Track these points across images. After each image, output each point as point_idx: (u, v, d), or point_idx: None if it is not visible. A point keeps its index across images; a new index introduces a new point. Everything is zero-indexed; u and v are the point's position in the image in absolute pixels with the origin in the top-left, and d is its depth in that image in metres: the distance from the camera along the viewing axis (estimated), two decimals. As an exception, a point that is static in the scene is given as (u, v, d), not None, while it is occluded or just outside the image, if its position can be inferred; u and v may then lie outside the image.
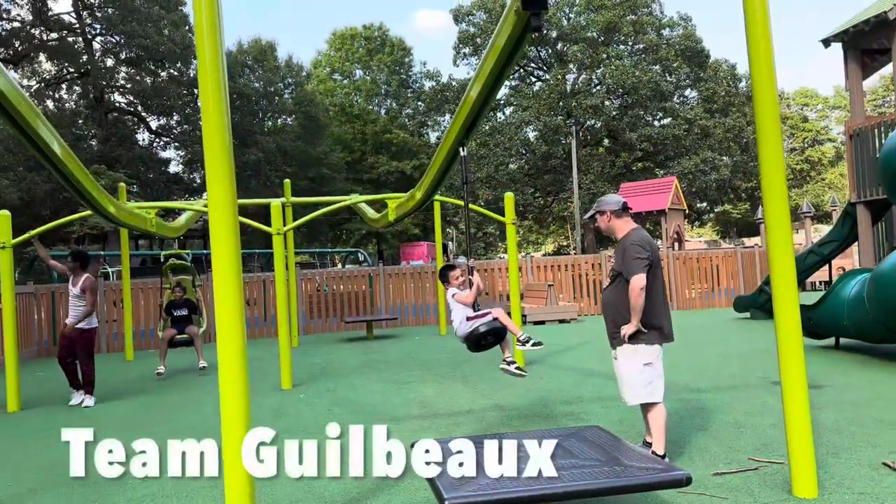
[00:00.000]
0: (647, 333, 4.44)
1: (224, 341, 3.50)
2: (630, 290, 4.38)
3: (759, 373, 7.90)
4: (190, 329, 10.29)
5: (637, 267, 4.37)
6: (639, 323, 4.39)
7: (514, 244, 9.92)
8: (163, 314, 10.71)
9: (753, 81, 4.09)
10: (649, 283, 4.40)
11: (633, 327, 4.41)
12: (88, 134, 35.90)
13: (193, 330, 10.30)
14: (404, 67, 54.71)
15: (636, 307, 4.36)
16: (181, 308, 10.48)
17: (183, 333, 10.24)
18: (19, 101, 4.56)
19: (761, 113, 4.07)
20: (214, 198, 3.52)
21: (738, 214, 58.46)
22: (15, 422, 7.47)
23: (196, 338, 10.27)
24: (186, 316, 10.50)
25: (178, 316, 10.44)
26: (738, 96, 39.70)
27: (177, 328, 10.28)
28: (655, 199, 25.49)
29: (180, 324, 10.37)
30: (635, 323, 4.39)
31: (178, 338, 10.23)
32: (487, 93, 4.83)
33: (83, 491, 4.74)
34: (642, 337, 4.44)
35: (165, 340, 10.20)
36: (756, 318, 14.03)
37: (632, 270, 4.40)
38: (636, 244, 4.46)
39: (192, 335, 10.25)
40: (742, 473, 4.37)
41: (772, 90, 4.05)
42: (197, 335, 10.29)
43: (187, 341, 10.32)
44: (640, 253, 4.40)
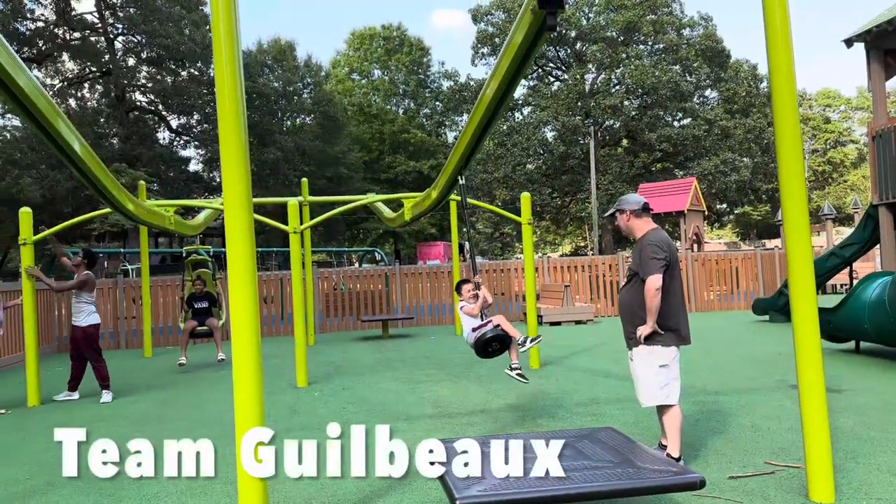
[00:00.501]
0: (663, 335, 4.40)
1: (238, 339, 3.52)
2: (645, 291, 4.34)
3: (778, 376, 7.81)
4: (210, 321, 10.63)
5: (653, 267, 4.33)
6: (654, 324, 4.36)
7: (530, 244, 9.89)
8: (184, 306, 11.07)
9: (772, 83, 4.04)
10: (666, 284, 4.37)
11: (649, 328, 4.37)
12: (110, 132, 36.32)
13: (213, 322, 10.64)
14: (422, 67, 54.80)
15: (651, 308, 4.32)
16: (202, 300, 10.83)
17: (203, 325, 10.61)
18: (40, 99, 4.62)
19: (780, 115, 4.02)
20: (230, 197, 3.54)
21: (759, 216, 57.86)
22: (34, 416, 7.57)
23: (215, 330, 10.58)
24: (206, 308, 10.84)
25: (198, 308, 10.78)
26: (759, 97, 39.31)
27: (197, 320, 10.65)
28: (674, 200, 25.30)
29: (201, 316, 10.73)
30: (651, 324, 4.36)
31: (198, 329, 10.64)
32: (503, 92, 4.82)
33: (99, 485, 4.79)
34: (658, 338, 4.40)
35: (187, 332, 10.58)
36: (775, 320, 13.87)
37: (648, 271, 4.36)
38: (653, 244, 4.42)
39: (212, 327, 10.58)
40: (758, 477, 4.33)
41: (791, 92, 4.00)
42: (216, 327, 10.61)
43: (207, 333, 10.69)
44: (657, 253, 4.36)
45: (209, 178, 41.04)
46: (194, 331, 10.68)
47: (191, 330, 10.64)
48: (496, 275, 17.60)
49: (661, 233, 4.57)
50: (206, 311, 10.81)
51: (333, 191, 38.05)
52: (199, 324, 10.64)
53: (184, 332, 10.65)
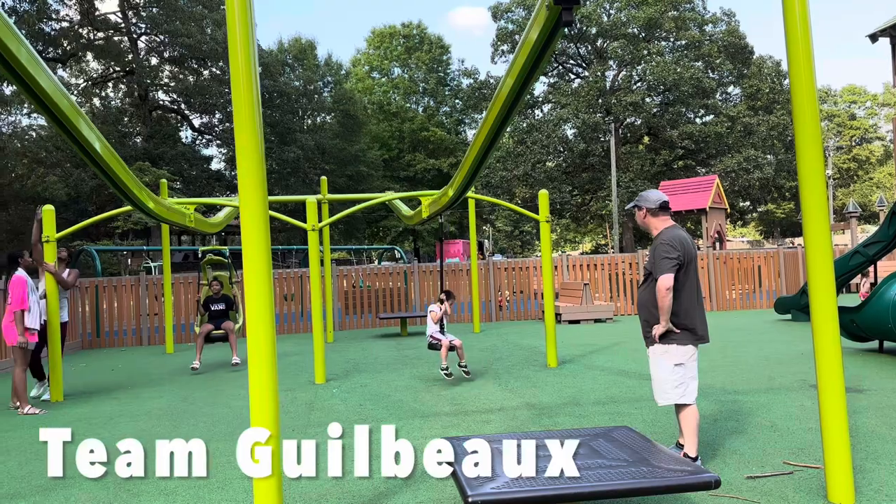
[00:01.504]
0: (678, 334, 4.36)
1: (254, 336, 3.55)
2: (656, 290, 4.33)
3: (798, 376, 7.71)
4: (226, 324, 10.41)
5: (664, 267, 4.31)
6: (668, 323, 4.34)
7: (548, 242, 9.84)
8: (200, 308, 10.88)
9: (792, 79, 3.99)
10: (681, 282, 4.35)
11: (663, 327, 4.34)
12: (133, 131, 36.79)
13: (229, 325, 10.41)
14: (442, 65, 54.83)
15: (663, 307, 4.30)
16: (218, 303, 10.63)
17: (219, 329, 10.40)
18: (62, 100, 4.69)
19: (799, 112, 3.96)
20: (245, 195, 3.57)
21: (783, 214, 57.18)
22: (59, 411, 7.69)
23: (231, 333, 10.36)
24: (223, 311, 10.65)
25: (215, 311, 10.58)
26: (783, 93, 38.81)
27: (214, 323, 10.46)
28: (696, 198, 25.06)
29: (217, 319, 10.54)
30: (664, 323, 4.34)
31: (214, 333, 10.41)
32: (520, 88, 4.81)
33: (117, 479, 4.84)
34: (674, 337, 4.37)
35: (202, 335, 10.36)
36: (798, 319, 13.70)
37: (659, 270, 4.34)
38: (666, 243, 4.39)
39: (228, 330, 10.36)
40: (776, 477, 4.28)
41: (811, 88, 3.94)
42: (232, 330, 10.37)
43: (223, 336, 10.45)
44: (670, 253, 4.33)
45: (231, 177, 41.40)
46: (210, 334, 10.47)
47: (206, 333, 10.43)
48: (515, 273, 17.57)
49: (676, 231, 4.52)
50: (222, 314, 10.63)
51: (353, 189, 38.24)
52: (216, 327, 10.45)
53: (199, 335, 10.44)
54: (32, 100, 4.48)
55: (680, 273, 4.35)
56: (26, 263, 7.90)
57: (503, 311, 17.36)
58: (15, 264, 7.74)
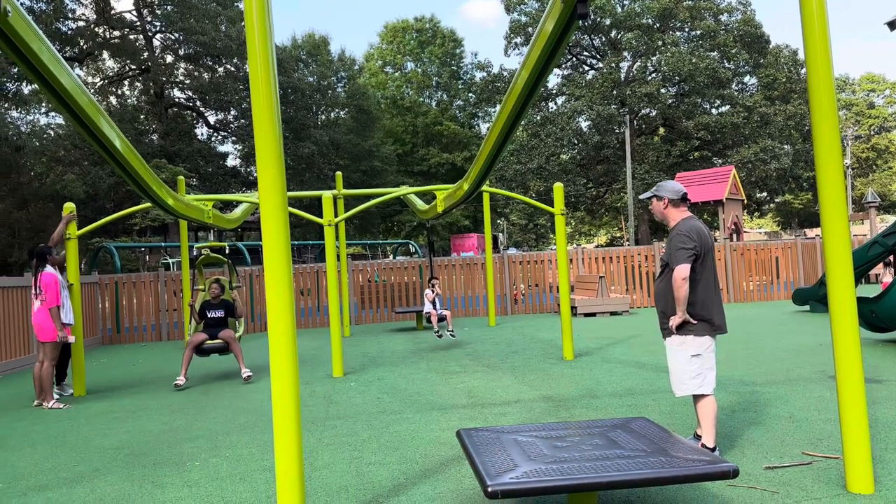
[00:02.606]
0: (695, 325, 4.36)
1: (275, 330, 3.60)
2: (672, 281, 4.35)
3: (817, 367, 7.67)
4: (225, 333, 8.72)
5: (680, 257, 4.32)
6: (685, 314, 4.34)
7: (563, 235, 9.84)
8: (195, 316, 9.15)
9: (808, 68, 3.97)
10: (698, 273, 4.35)
11: (679, 318, 4.35)
12: (150, 129, 37.09)
13: (229, 334, 8.73)
14: (455, 59, 54.76)
15: (679, 298, 4.31)
16: (217, 309, 9.03)
17: (216, 338, 8.72)
18: (82, 98, 4.76)
19: (816, 101, 3.94)
20: (265, 190, 3.62)
21: (800, 205, 56.63)
22: (81, 405, 7.82)
23: (233, 342, 8.71)
24: (222, 319, 9.01)
25: (212, 318, 8.98)
26: (800, 82, 38.43)
27: (208, 332, 8.79)
28: (712, 189, 24.90)
29: (213, 328, 8.89)
30: (681, 313, 4.34)
31: (208, 343, 8.69)
32: (534, 81, 4.80)
33: (144, 472, 4.95)
34: (690, 328, 4.37)
35: (192, 346, 8.61)
36: (816, 311, 13.61)
37: (675, 260, 4.35)
38: (682, 234, 4.39)
39: (227, 339, 8.68)
40: (795, 468, 4.27)
41: (828, 77, 3.92)
42: (233, 339, 8.72)
43: (221, 347, 8.74)
44: (686, 243, 4.33)
45: (246, 173, 41.66)
46: (202, 345, 8.66)
47: (198, 344, 8.62)
48: (529, 266, 17.56)
49: (693, 222, 4.52)
50: (220, 323, 8.94)
51: (368, 184, 38.34)
52: (211, 337, 8.70)
53: (188, 346, 8.65)
54: (54, 98, 4.54)
55: (696, 264, 4.35)
56: (54, 260, 8.03)
57: (518, 305, 17.37)
58: (44, 261, 7.86)
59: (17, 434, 6.44)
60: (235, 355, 8.79)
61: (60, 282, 7.81)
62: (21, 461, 5.44)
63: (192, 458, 5.26)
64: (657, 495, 3.91)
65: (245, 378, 8.56)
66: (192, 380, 8.98)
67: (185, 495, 4.37)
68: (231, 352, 8.80)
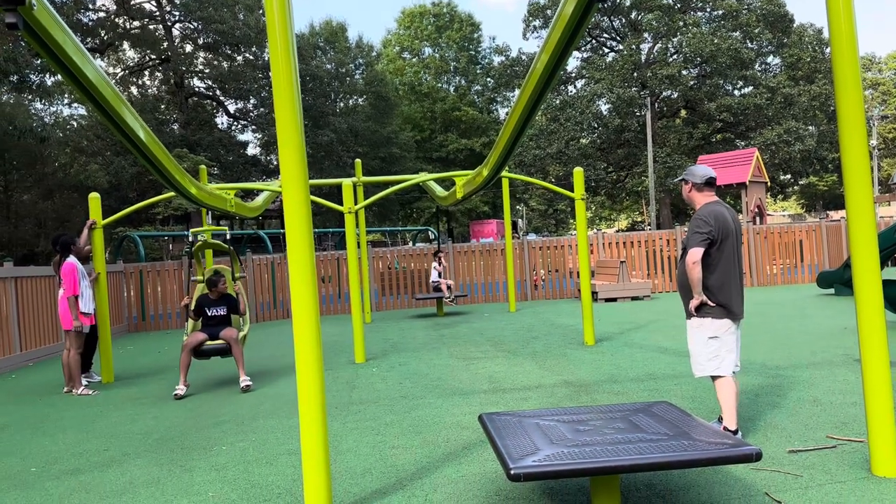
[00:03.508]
0: (713, 307, 4.41)
1: (299, 317, 3.64)
2: (686, 263, 4.42)
3: (842, 350, 7.60)
4: (227, 333, 7.49)
5: (695, 241, 4.38)
6: (701, 296, 4.39)
7: (583, 220, 9.80)
8: (191, 314, 7.82)
9: (833, 47, 3.91)
10: (714, 257, 4.40)
11: (696, 301, 4.41)
12: (170, 118, 37.40)
13: (231, 333, 7.48)
14: (473, 43, 54.45)
15: (693, 280, 4.38)
16: (217, 306, 7.77)
17: (216, 339, 7.49)
18: (106, 89, 4.82)
19: (841, 81, 3.89)
20: (287, 178, 3.65)
21: (825, 187, 55.77)
22: (109, 392, 7.97)
23: (235, 344, 7.44)
24: (224, 317, 7.77)
25: (213, 317, 7.73)
26: (825, 62, 37.70)
27: (208, 332, 7.54)
28: (735, 172, 24.62)
29: (214, 327, 7.64)
30: (697, 295, 4.40)
31: (208, 345, 7.45)
32: (554, 65, 4.78)
33: (172, 456, 5.05)
34: (708, 311, 4.43)
35: (189, 349, 7.36)
36: (840, 294, 13.45)
37: (689, 243, 4.42)
38: (700, 218, 4.43)
39: (230, 340, 7.44)
40: (819, 451, 4.26)
41: (853, 56, 3.86)
42: (236, 340, 7.46)
43: (222, 349, 7.49)
44: (702, 227, 4.38)
45: (266, 162, 41.90)
46: (201, 346, 7.41)
47: (196, 346, 7.37)
48: (549, 252, 17.52)
49: (715, 206, 4.50)
50: (222, 321, 7.72)
51: (387, 171, 38.39)
52: (211, 336, 7.47)
53: (185, 348, 7.37)
54: (79, 90, 4.61)
55: (713, 248, 4.39)
56: (77, 250, 8.16)
57: (538, 290, 17.35)
58: (67, 251, 8.01)
59: (49, 420, 6.60)
60: (236, 359, 7.49)
61: (80, 271, 7.94)
62: (54, 446, 5.57)
63: (219, 442, 5.36)
64: (679, 479, 3.92)
65: (244, 387, 7.28)
66: (217, 366, 9.09)
67: (213, 478, 4.46)
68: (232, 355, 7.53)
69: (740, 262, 4.54)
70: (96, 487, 4.43)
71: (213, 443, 5.35)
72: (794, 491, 3.65)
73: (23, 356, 10.46)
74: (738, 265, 4.50)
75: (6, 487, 4.56)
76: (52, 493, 4.37)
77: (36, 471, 4.90)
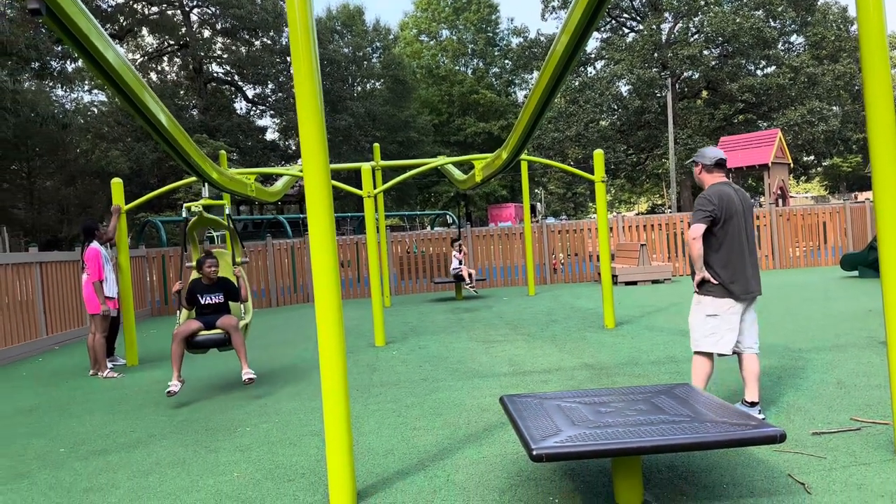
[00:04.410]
0: (715, 286, 4.51)
1: (321, 300, 3.67)
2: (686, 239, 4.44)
3: (866, 332, 7.52)
4: (225, 321, 6.49)
5: (695, 218, 4.51)
6: (703, 272, 4.52)
7: (603, 203, 9.74)
8: (183, 302, 6.78)
9: (860, 24, 3.83)
10: (718, 236, 4.49)
11: (698, 276, 4.56)
12: (190, 104, 37.57)
13: (231, 321, 6.49)
14: (491, 25, 54.00)
15: (692, 257, 4.55)
16: (213, 293, 6.74)
17: (212, 328, 6.49)
18: (128, 74, 4.84)
19: (868, 59, 3.81)
20: (309, 162, 3.66)
21: (849, 168, 54.86)
22: (134, 374, 8.10)
23: (235, 333, 6.46)
24: (221, 304, 6.74)
25: (207, 305, 6.70)
26: (850, 40, 36.91)
27: (204, 321, 6.54)
28: (757, 154, 24.27)
29: (210, 315, 6.64)
30: (698, 272, 4.55)
31: (203, 334, 6.47)
32: (574, 46, 4.72)
33: (196, 437, 5.13)
34: (710, 289, 4.54)
35: (181, 339, 6.39)
36: (865, 276, 13.28)
37: (693, 220, 4.55)
38: (704, 197, 4.55)
39: (227, 328, 6.45)
40: (843, 433, 4.23)
41: (881, 33, 3.77)
42: (236, 329, 6.48)
43: (220, 340, 6.50)
44: (705, 206, 4.49)
45: (285, 147, 42.00)
46: (195, 338, 6.44)
47: (189, 335, 6.41)
48: (569, 235, 17.44)
49: (721, 186, 4.60)
50: (219, 309, 6.70)
51: (404, 155, 38.36)
52: (206, 325, 6.49)
53: (175, 338, 6.39)
54: (101, 76, 4.63)
55: (716, 227, 4.49)
56: (100, 235, 8.27)
57: (558, 274, 17.31)
58: (91, 236, 8.12)
59: (75, 402, 6.72)
60: (237, 350, 6.52)
61: (104, 256, 8.05)
62: (81, 427, 5.68)
63: (243, 423, 5.43)
64: (702, 460, 3.92)
65: (246, 380, 6.39)
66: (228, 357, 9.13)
67: (238, 459, 4.53)
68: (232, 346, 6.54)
69: (751, 243, 4.60)
70: (123, 467, 4.52)
71: (237, 424, 5.42)
72: (817, 473, 3.64)
73: (49, 340, 10.65)
74: (747, 245, 4.57)
75: (36, 467, 4.66)
76: (81, 473, 4.46)
77: (64, 451, 5.00)
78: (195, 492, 3.97)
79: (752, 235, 4.63)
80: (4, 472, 4.62)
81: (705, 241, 4.51)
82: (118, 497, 3.98)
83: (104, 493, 4.07)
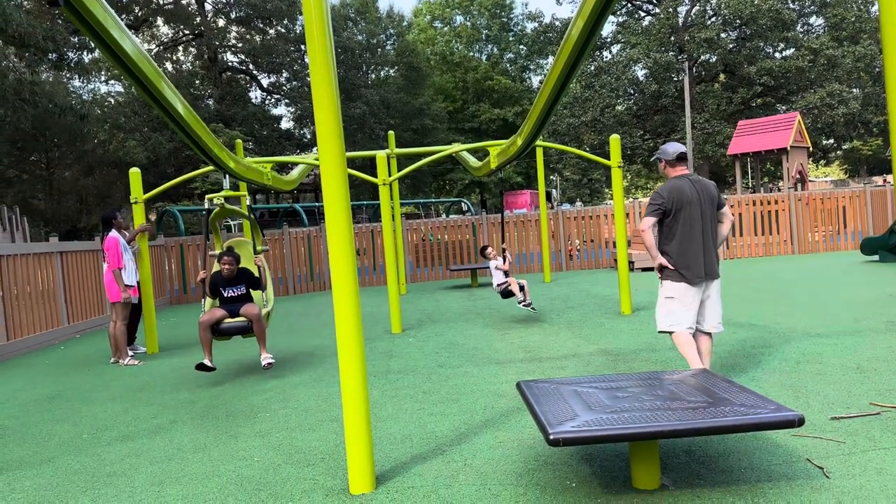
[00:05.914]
0: (672, 271, 4.95)
1: (339, 287, 3.70)
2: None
3: (886, 317, 7.45)
4: (247, 309, 6.78)
5: (647, 211, 4.98)
6: (659, 258, 5.00)
7: (619, 189, 9.69)
8: (206, 291, 7.10)
9: (881, 3, 3.76)
10: (668, 226, 4.94)
11: (655, 263, 5.06)
12: (205, 94, 37.72)
13: (253, 310, 6.77)
14: (505, 10, 53.63)
15: (646, 245, 5.01)
16: (235, 285, 6.98)
17: (236, 316, 6.80)
18: (145, 64, 4.88)
19: (890, 40, 3.75)
20: (325, 150, 3.68)
21: (869, 151, 54.08)
22: (155, 362, 8.20)
23: (258, 321, 6.76)
24: (243, 295, 7.01)
25: (230, 297, 6.96)
26: (871, 21, 36.23)
27: (228, 310, 6.84)
28: (776, 138, 24.00)
29: (234, 304, 6.92)
30: (655, 259, 5.04)
31: (227, 322, 6.76)
32: (590, 31, 4.69)
33: (217, 423, 5.19)
34: (668, 273, 5.00)
35: (206, 326, 6.69)
36: (885, 260, 13.13)
37: (644, 214, 5.01)
38: (657, 192, 4.98)
39: (250, 316, 6.74)
40: (862, 418, 4.20)
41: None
42: (259, 318, 6.77)
43: (243, 328, 6.79)
44: (655, 200, 4.95)
45: (300, 136, 42.09)
46: (220, 325, 6.73)
47: (214, 322, 6.71)
48: (584, 222, 17.37)
49: (677, 180, 4.95)
50: (243, 299, 6.97)
51: (419, 143, 38.30)
52: (230, 314, 6.79)
53: (202, 326, 6.69)
54: (119, 66, 4.67)
55: (667, 218, 4.92)
56: (118, 224, 8.36)
57: (573, 261, 17.26)
58: (109, 225, 8.22)
59: (98, 389, 6.83)
60: (258, 337, 6.86)
61: (122, 244, 8.15)
62: (104, 413, 5.78)
63: (263, 409, 5.49)
64: (719, 445, 3.91)
65: (266, 365, 6.75)
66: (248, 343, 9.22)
67: (258, 444, 4.58)
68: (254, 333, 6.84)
69: (709, 229, 4.92)
70: (146, 453, 4.59)
71: (257, 410, 5.49)
72: (836, 458, 3.62)
73: (70, 328, 10.81)
74: (702, 233, 4.89)
75: (61, 453, 4.75)
76: (104, 458, 4.54)
77: (88, 437, 5.09)
78: (216, 477, 4.03)
79: (711, 223, 4.94)
80: (29, 457, 4.71)
81: (661, 230, 4.99)
82: (140, 482, 4.04)
83: (127, 477, 4.14)
